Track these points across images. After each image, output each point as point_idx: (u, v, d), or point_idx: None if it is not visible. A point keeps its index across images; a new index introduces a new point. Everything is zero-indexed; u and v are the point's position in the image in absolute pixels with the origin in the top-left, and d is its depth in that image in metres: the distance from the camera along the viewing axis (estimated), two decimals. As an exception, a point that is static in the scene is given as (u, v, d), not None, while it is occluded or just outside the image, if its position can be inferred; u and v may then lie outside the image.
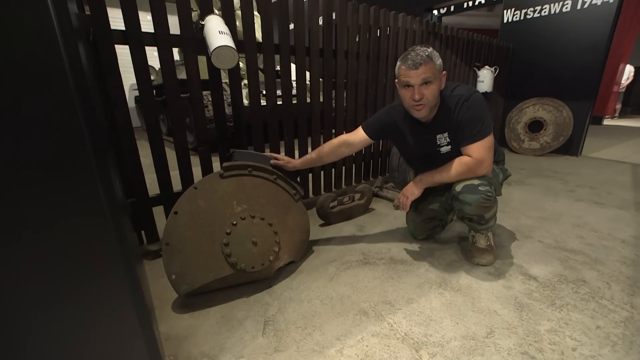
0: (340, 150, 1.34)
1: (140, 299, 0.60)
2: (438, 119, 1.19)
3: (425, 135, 1.23)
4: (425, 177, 1.23)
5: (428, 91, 1.10)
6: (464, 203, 1.15)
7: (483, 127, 1.11)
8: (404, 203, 1.27)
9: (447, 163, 1.17)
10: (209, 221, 1.07)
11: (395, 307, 1.04)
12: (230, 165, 1.16)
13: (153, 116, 1.28)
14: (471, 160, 1.13)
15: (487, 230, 1.28)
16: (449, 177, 1.17)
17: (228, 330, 0.96)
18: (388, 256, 1.36)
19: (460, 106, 1.12)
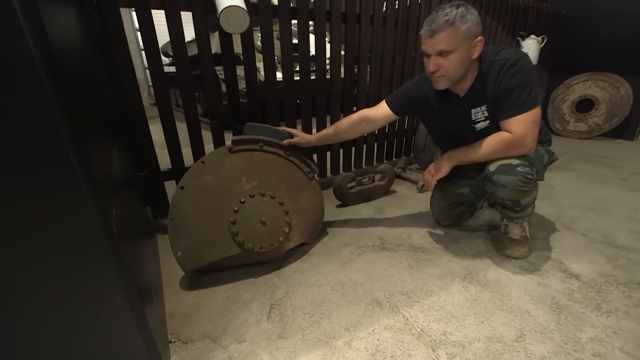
0: (360, 126, 1.22)
1: (128, 281, 0.55)
2: (475, 90, 1.02)
3: (459, 109, 1.08)
4: (455, 154, 1.08)
5: (447, 62, 0.94)
6: (497, 185, 1.00)
7: (529, 98, 0.93)
8: (429, 181, 1.14)
9: (482, 139, 1.02)
10: (216, 198, 1.02)
11: (413, 299, 0.95)
12: (240, 139, 1.08)
13: (161, 87, 1.22)
14: (510, 136, 0.97)
15: (523, 219, 1.13)
16: (483, 155, 1.02)
17: (232, 312, 0.92)
18: (408, 242, 1.26)
19: (504, 72, 0.95)
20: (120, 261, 0.53)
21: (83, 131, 0.51)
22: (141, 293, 0.64)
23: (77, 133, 0.46)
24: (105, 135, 0.71)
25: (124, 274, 0.54)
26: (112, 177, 0.65)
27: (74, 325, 0.51)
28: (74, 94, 0.52)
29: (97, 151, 0.58)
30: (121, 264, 0.53)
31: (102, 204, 0.50)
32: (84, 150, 0.47)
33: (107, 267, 0.51)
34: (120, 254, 0.52)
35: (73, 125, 0.45)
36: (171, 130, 1.27)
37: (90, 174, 0.47)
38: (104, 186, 0.55)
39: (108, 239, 0.50)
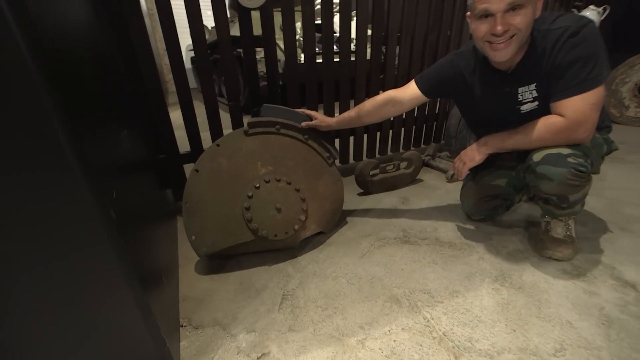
0: (385, 109, 1.11)
1: (128, 265, 0.52)
2: (525, 65, 0.88)
3: (504, 88, 0.94)
4: (493, 140, 0.96)
5: (518, 19, 0.77)
6: (542, 178, 0.87)
7: (591, 75, 0.78)
8: (460, 170, 1.03)
9: (527, 123, 0.89)
10: (230, 182, 0.98)
11: (435, 299, 0.87)
12: (256, 121, 1.03)
13: (179, 70, 1.19)
14: (563, 121, 0.82)
15: (569, 216, 0.99)
16: (528, 141, 0.89)
17: (244, 299, 0.89)
18: (433, 236, 1.16)
19: (562, 43, 0.79)
20: (118, 245, 0.50)
21: (77, 112, 0.48)
22: (146, 277, 0.62)
23: (68, 114, 0.43)
24: (112, 116, 0.69)
25: (123, 258, 0.51)
26: (116, 158, 0.63)
27: (72, 310, 0.50)
28: (67, 76, 0.49)
29: (96, 132, 0.55)
30: (120, 249, 0.50)
31: (98, 186, 0.47)
32: (76, 131, 0.44)
33: (103, 252, 0.49)
34: (117, 238, 0.49)
35: (63, 105, 0.42)
36: (190, 113, 1.25)
37: (82, 155, 0.44)
38: (101, 168, 0.52)
39: (104, 223, 0.48)
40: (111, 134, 0.64)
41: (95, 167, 0.48)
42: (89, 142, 0.49)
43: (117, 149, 0.66)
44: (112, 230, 0.49)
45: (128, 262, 0.52)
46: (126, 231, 0.57)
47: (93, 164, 0.47)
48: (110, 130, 0.64)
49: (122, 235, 0.52)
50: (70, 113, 0.43)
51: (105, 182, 0.52)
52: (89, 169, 0.45)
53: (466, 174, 1.04)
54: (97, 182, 0.47)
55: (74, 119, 0.45)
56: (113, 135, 0.65)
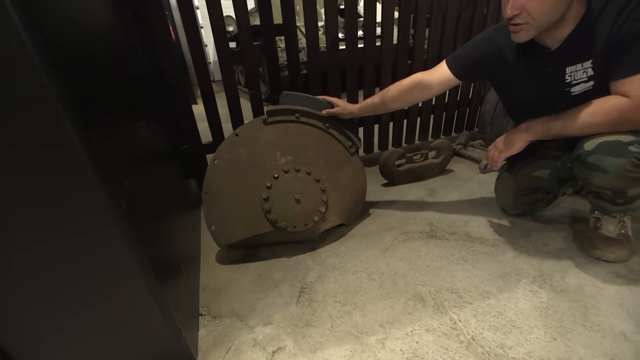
0: (412, 94, 1.02)
1: (141, 255, 0.52)
2: (577, 40, 0.76)
3: (547, 68, 0.83)
4: (536, 125, 0.84)
5: (532, 5, 0.70)
6: (594, 170, 0.76)
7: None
8: (494, 159, 0.93)
9: (578, 106, 0.77)
10: (249, 172, 0.97)
11: (464, 300, 0.81)
12: (275, 109, 1.00)
13: (199, 61, 1.18)
14: (627, 103, 0.70)
15: (625, 212, 0.87)
16: (580, 127, 0.77)
17: (262, 291, 0.88)
18: (463, 231, 1.08)
19: (629, 12, 0.67)
20: (129, 235, 0.49)
21: (85, 102, 0.47)
22: (162, 267, 0.62)
23: (75, 103, 0.42)
24: (128, 108, 0.68)
25: (136, 248, 0.51)
26: (131, 149, 0.62)
27: (85, 300, 0.51)
28: (75, 67, 0.48)
29: (107, 123, 0.54)
30: (131, 239, 0.50)
31: (106, 176, 0.46)
32: (83, 121, 0.43)
33: (115, 242, 0.49)
34: (127, 228, 0.49)
35: (69, 95, 0.41)
36: (211, 104, 1.25)
37: (89, 145, 0.43)
38: (112, 158, 0.51)
39: (114, 213, 0.47)
40: (126, 124, 0.64)
41: (104, 157, 0.48)
42: (98, 133, 0.48)
43: (133, 139, 0.65)
44: (123, 220, 0.48)
45: (141, 252, 0.52)
46: (140, 221, 0.56)
47: (102, 153, 0.46)
48: (125, 121, 0.64)
49: (135, 225, 0.52)
50: (77, 103, 0.42)
51: (116, 171, 0.52)
52: (97, 158, 0.44)
53: (502, 164, 0.94)
54: (105, 171, 0.46)
55: (81, 109, 0.44)
56: (128, 125, 0.65)
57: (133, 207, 0.55)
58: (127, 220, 0.49)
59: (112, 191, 0.47)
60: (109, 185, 0.46)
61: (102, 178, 0.45)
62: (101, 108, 0.53)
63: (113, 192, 0.47)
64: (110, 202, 0.46)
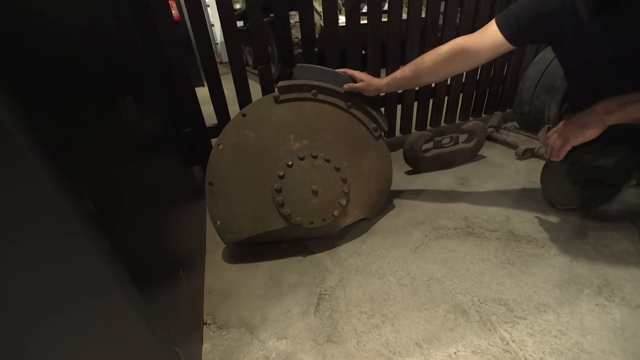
0: (452, 65, 0.84)
1: (116, 264, 0.40)
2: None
3: (633, 26, 0.65)
4: (620, 105, 0.66)
5: None
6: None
7: None
8: (557, 148, 0.75)
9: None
10: (258, 159, 0.83)
11: (516, 314, 0.67)
12: (289, 84, 0.85)
13: (202, 37, 1.03)
14: None
15: None
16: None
17: (275, 297, 0.77)
18: (505, 228, 0.94)
19: None
20: (99, 246, 0.37)
21: (30, 74, 0.34)
22: (152, 277, 0.50)
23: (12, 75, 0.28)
24: (105, 83, 0.54)
25: (109, 258, 0.38)
26: (110, 132, 0.49)
27: (52, 329, 0.39)
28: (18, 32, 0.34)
29: (68, 100, 0.40)
30: (102, 249, 0.37)
31: (67, 170, 0.33)
32: (29, 99, 0.30)
33: (79, 255, 0.36)
34: (96, 236, 0.36)
35: None
36: (215, 82, 1.10)
37: (35, 130, 0.30)
38: (76, 145, 0.38)
39: (76, 218, 0.34)
40: (103, 102, 0.50)
41: (62, 144, 0.34)
42: (52, 113, 0.35)
43: (114, 120, 0.52)
44: (89, 225, 0.36)
45: (115, 262, 0.39)
46: (122, 223, 0.44)
47: (56, 139, 0.33)
48: (101, 98, 0.50)
49: (112, 229, 0.39)
50: (15, 75, 0.29)
51: (82, 163, 0.39)
52: (49, 146, 0.31)
53: (565, 154, 0.76)
54: (63, 163, 0.33)
55: (23, 83, 0.30)
56: (106, 104, 0.51)
57: (111, 207, 0.42)
58: (95, 225, 0.36)
59: (73, 190, 0.34)
60: (67, 183, 0.33)
61: (54, 173, 0.32)
62: (57, 83, 0.40)
63: (74, 191, 0.34)
64: (68, 204, 0.34)
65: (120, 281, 0.40)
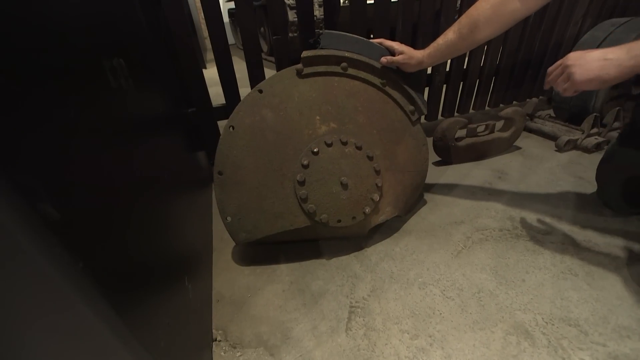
0: (513, 5, 0.66)
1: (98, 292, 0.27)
2: None
3: None
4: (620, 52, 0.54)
5: None
6: None
7: None
8: (562, 87, 0.61)
9: None
10: (278, 144, 0.70)
11: (591, 338, 0.56)
12: (315, 55, 0.70)
13: (213, 9, 0.87)
14: None
15: None
16: None
17: (297, 308, 0.65)
18: (560, 231, 0.81)
19: None
20: (64, 259, 0.24)
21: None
22: (145, 286, 0.38)
23: None
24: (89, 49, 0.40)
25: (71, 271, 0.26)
26: (91, 107, 0.36)
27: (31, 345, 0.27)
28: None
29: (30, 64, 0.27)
30: (64, 263, 0.25)
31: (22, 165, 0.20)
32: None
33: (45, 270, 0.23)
34: (55, 246, 0.23)
35: None
36: (223, 55, 0.95)
37: None
38: (36, 127, 0.25)
39: (34, 228, 0.21)
40: (85, 69, 0.37)
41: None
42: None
43: (97, 90, 0.38)
44: (50, 236, 0.23)
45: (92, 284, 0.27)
46: (98, 231, 0.31)
47: None
48: (82, 65, 0.36)
49: (86, 245, 0.26)
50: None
51: (44, 151, 0.25)
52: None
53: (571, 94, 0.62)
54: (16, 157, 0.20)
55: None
56: (84, 69, 0.37)
57: (85, 210, 0.29)
58: (56, 235, 0.24)
59: (30, 192, 0.21)
60: (21, 184, 0.20)
61: None
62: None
63: (31, 194, 0.21)
64: (26, 210, 0.21)
65: (93, 301, 0.27)
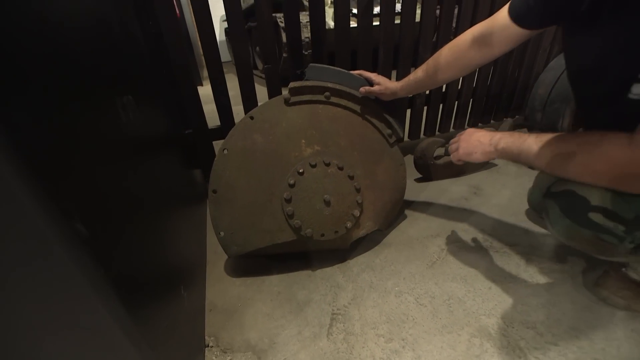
0: (470, 54, 0.72)
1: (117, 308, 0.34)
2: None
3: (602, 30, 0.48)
4: (509, 141, 0.61)
5: None
6: (546, 216, 0.62)
7: None
8: (456, 155, 0.73)
9: (574, 134, 0.53)
10: (267, 165, 0.77)
11: (546, 339, 0.62)
12: (301, 86, 0.79)
13: (208, 35, 0.96)
14: (624, 149, 0.44)
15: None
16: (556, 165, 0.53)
17: (283, 316, 0.71)
18: (526, 242, 0.89)
19: None
20: (89, 272, 0.31)
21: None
22: (147, 296, 0.44)
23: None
24: (102, 81, 0.48)
25: (97, 282, 0.32)
26: (107, 133, 0.43)
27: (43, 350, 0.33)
28: None
29: (54, 102, 0.34)
30: (91, 275, 0.31)
31: (44, 184, 0.27)
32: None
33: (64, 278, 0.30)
34: (84, 262, 0.30)
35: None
36: (218, 78, 1.04)
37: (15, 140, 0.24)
38: (64, 151, 0.32)
39: (63, 241, 0.28)
40: (100, 102, 0.44)
41: (43, 154, 0.28)
42: (32, 116, 0.29)
43: (112, 121, 0.46)
44: (78, 251, 0.30)
45: (107, 286, 0.33)
46: (119, 243, 0.38)
47: (37, 149, 0.27)
48: (97, 98, 0.44)
49: (107, 254, 0.33)
50: None
51: (70, 175, 0.32)
52: (26, 154, 0.25)
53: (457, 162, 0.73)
54: (47, 178, 0.27)
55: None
56: (103, 104, 0.45)
57: (104, 222, 0.36)
58: (86, 251, 0.30)
59: (58, 208, 0.28)
60: (50, 200, 0.27)
61: (33, 187, 0.26)
62: (47, 79, 0.33)
63: (59, 209, 0.28)
64: (52, 226, 0.27)
65: (111, 303, 0.34)
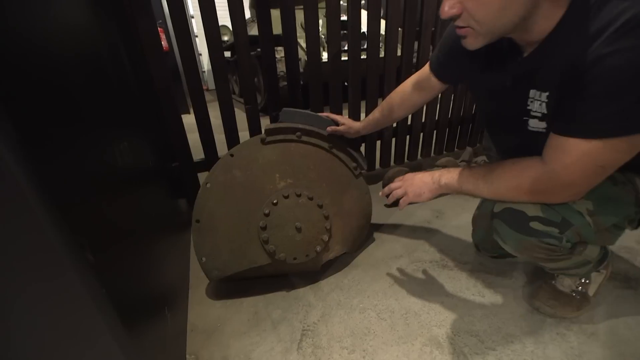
0: (413, 98, 0.89)
1: (112, 320, 0.42)
2: (547, 55, 0.53)
3: (506, 82, 0.62)
4: (450, 177, 0.70)
5: (472, 4, 0.49)
6: (497, 236, 0.68)
7: (625, 115, 0.45)
8: (397, 198, 0.77)
9: (499, 163, 0.63)
10: (245, 197, 0.88)
11: (486, 345, 0.72)
12: (275, 127, 0.91)
13: (191, 68, 1.09)
14: (539, 170, 0.55)
15: (582, 276, 0.78)
16: (489, 189, 0.63)
17: (259, 334, 0.78)
18: (477, 261, 1.00)
19: (609, 36, 0.43)
20: (94, 292, 0.39)
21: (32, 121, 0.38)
22: (136, 317, 0.52)
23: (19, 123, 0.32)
24: (103, 124, 0.59)
25: (100, 302, 0.41)
26: (104, 173, 0.53)
27: None
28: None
29: (69, 148, 0.44)
30: (95, 295, 0.40)
31: (65, 222, 0.36)
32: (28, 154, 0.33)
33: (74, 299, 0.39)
34: (92, 284, 0.39)
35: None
36: (203, 118, 1.16)
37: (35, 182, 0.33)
38: (72, 189, 0.42)
39: (77, 273, 0.37)
40: (101, 148, 0.54)
41: (62, 191, 0.38)
42: (50, 167, 0.39)
43: (109, 164, 0.56)
44: (89, 275, 0.39)
45: (107, 306, 0.42)
46: (109, 265, 0.47)
47: (58, 186, 0.37)
48: (99, 143, 0.54)
49: (103, 274, 0.42)
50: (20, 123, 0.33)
51: (82, 213, 0.42)
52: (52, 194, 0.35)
53: (405, 206, 0.76)
54: (67, 217, 0.37)
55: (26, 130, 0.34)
56: (103, 149, 0.55)
57: (103, 249, 0.45)
58: (94, 275, 0.39)
59: (75, 242, 0.37)
60: (69, 235, 0.37)
61: (59, 225, 0.35)
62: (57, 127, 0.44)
63: (76, 243, 0.37)
64: (71, 257, 0.37)
65: (110, 324, 0.42)
